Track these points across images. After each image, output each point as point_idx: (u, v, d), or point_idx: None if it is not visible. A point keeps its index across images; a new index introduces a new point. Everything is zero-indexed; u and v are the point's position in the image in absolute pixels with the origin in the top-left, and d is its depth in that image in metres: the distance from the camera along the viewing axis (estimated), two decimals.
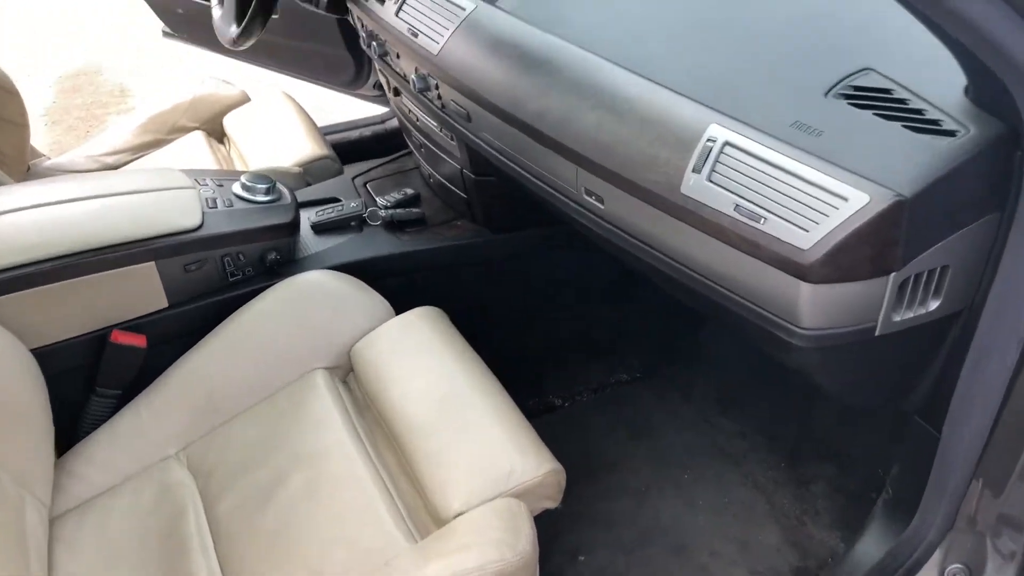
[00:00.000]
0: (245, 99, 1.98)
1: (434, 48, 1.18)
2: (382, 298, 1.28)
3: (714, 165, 0.81)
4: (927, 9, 0.66)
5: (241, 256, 1.27)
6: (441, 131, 1.37)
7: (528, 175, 1.12)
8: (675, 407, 1.63)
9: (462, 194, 1.44)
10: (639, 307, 1.70)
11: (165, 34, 2.82)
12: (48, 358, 1.12)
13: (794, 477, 1.48)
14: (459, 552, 0.91)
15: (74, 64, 3.62)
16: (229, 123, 1.89)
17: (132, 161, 1.86)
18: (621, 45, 0.97)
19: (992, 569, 0.89)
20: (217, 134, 1.94)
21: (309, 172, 1.69)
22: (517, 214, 1.44)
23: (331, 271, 1.30)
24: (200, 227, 1.23)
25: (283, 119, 1.86)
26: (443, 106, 1.25)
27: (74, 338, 1.17)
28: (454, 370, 1.15)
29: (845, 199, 0.73)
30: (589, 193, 1.01)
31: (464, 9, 1.16)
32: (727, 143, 0.81)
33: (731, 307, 0.91)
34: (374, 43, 1.39)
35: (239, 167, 1.79)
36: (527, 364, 1.17)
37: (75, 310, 1.15)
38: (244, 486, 1.07)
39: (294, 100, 1.95)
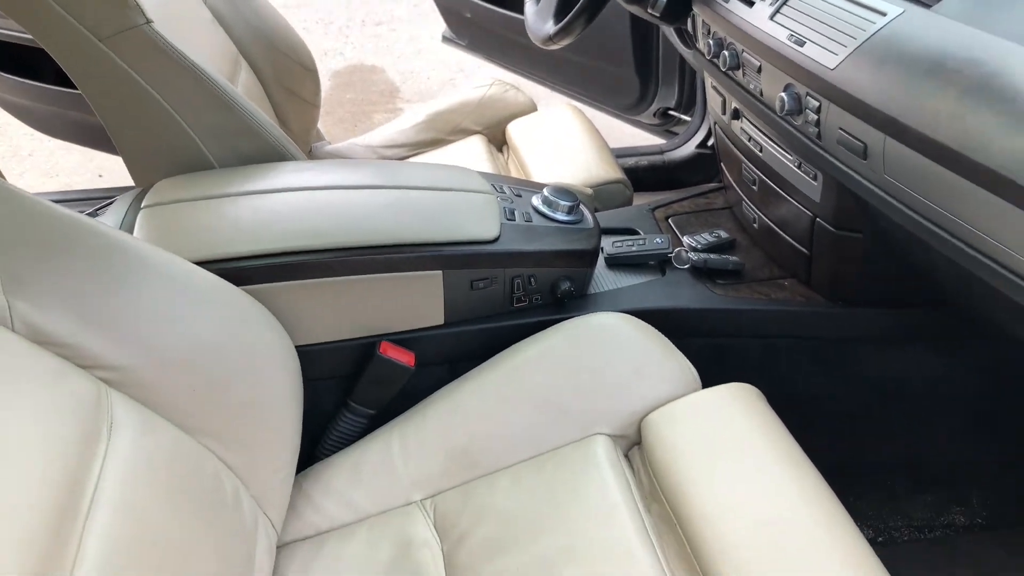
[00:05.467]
0: (532, 108, 1.81)
1: (830, 60, 0.91)
2: (689, 363, 1.02)
3: None
4: None
5: (532, 280, 1.07)
6: (800, 167, 1.09)
7: (961, 243, 0.81)
8: None
9: (803, 249, 1.14)
10: (1005, 440, 1.29)
11: (445, 39, 2.78)
12: (309, 360, 0.97)
13: None
14: None
15: (353, 60, 3.75)
16: (513, 130, 1.73)
17: (409, 157, 1.76)
18: None
19: None
20: (498, 142, 1.79)
21: (598, 197, 1.47)
22: (875, 285, 1.11)
23: (631, 317, 1.06)
24: (496, 240, 1.03)
25: (572, 134, 1.67)
26: (819, 135, 0.97)
27: (341, 342, 1.01)
28: (782, 480, 0.86)
29: None
30: None
31: (884, 15, 0.87)
32: None
33: None
34: (724, 52, 1.14)
35: None
36: (834, 477, 0.86)
37: (348, 311, 1.00)
38: (500, 569, 0.85)
39: (585, 116, 1.75)
